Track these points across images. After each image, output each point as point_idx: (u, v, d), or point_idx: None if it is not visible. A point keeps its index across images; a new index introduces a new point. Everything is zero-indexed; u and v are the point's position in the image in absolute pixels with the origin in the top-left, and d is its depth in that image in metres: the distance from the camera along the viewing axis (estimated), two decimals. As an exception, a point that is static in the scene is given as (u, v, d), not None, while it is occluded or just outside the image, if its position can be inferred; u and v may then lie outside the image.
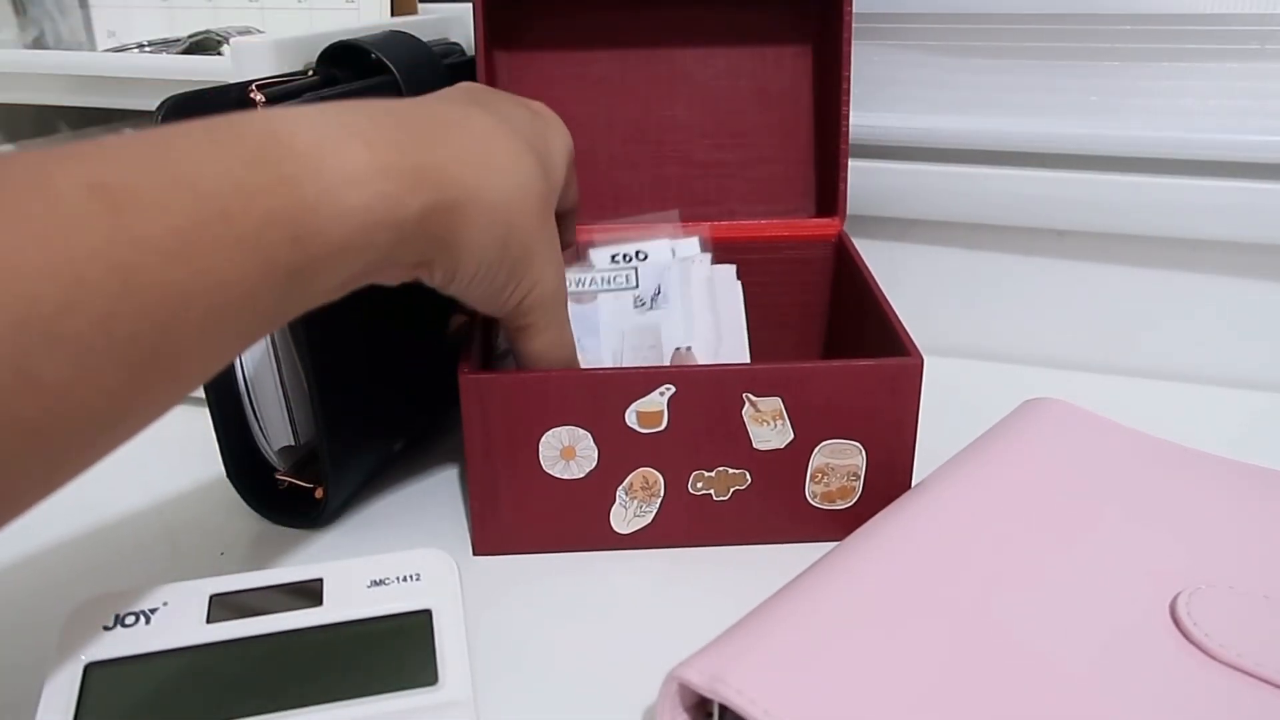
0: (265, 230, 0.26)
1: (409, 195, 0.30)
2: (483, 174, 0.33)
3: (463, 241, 0.32)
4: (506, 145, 0.35)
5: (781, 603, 0.31)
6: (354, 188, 0.28)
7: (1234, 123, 0.53)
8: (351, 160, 0.28)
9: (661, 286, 0.45)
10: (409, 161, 0.30)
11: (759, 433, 0.39)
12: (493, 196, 0.33)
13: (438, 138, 0.32)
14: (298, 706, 0.29)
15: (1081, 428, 0.42)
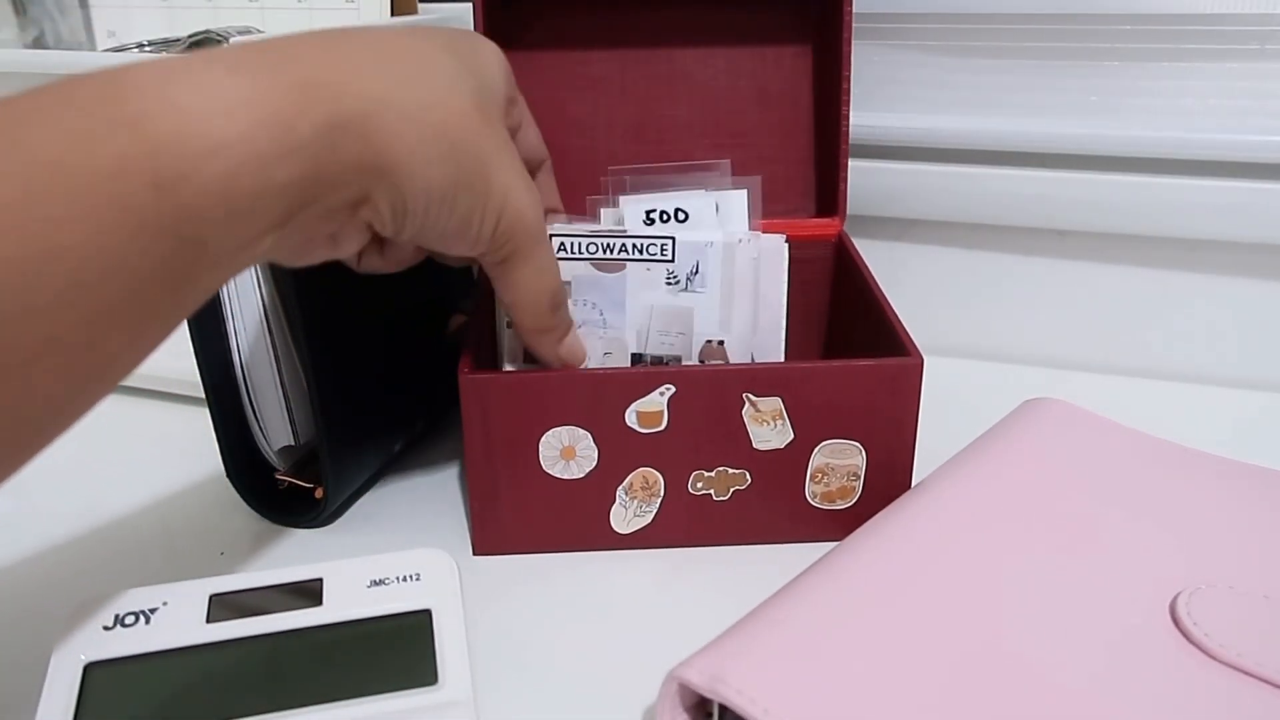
0: (114, 181, 0.22)
1: (297, 115, 0.25)
2: (392, 79, 0.28)
3: (394, 162, 0.28)
4: (416, 46, 0.30)
5: (781, 603, 0.31)
6: (223, 117, 0.24)
7: (1234, 123, 0.53)
8: (213, 86, 0.24)
9: (700, 265, 0.40)
10: (288, 78, 0.26)
11: (759, 433, 0.39)
12: (412, 101, 0.28)
13: (324, 50, 0.28)
14: (298, 706, 0.29)
15: (1081, 428, 0.42)
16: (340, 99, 0.27)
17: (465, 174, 0.30)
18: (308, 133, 0.26)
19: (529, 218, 0.33)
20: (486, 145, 0.31)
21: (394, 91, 0.28)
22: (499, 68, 0.34)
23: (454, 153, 0.29)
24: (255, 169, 0.25)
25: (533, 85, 0.53)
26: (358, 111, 0.27)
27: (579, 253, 0.39)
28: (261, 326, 0.40)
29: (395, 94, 0.28)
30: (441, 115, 0.29)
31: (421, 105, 0.29)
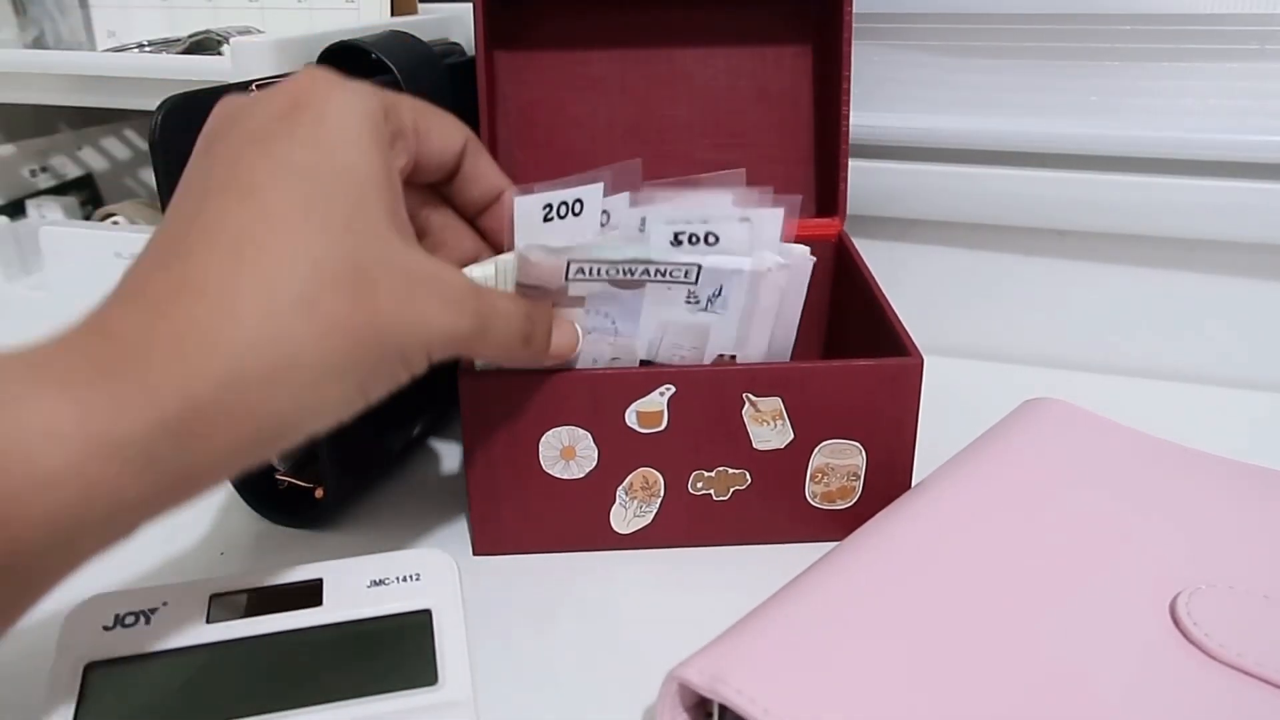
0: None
1: (141, 428, 0.22)
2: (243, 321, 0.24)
3: (268, 432, 0.25)
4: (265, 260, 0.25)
5: (781, 603, 0.31)
6: (51, 446, 0.21)
7: (1234, 123, 0.53)
8: (37, 409, 0.21)
9: (724, 289, 0.37)
10: (124, 385, 0.22)
11: (759, 433, 0.39)
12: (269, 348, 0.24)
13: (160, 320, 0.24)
14: (298, 706, 0.29)
15: (1081, 428, 0.42)
16: (192, 389, 0.23)
17: (364, 372, 0.27)
18: (159, 443, 0.23)
19: (451, 341, 0.29)
20: (382, 326, 0.26)
21: (254, 351, 0.24)
22: (355, 149, 0.27)
23: (344, 369, 0.26)
24: (99, 495, 0.22)
25: (533, 85, 0.53)
26: (215, 400, 0.23)
27: (598, 276, 0.36)
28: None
29: (256, 355, 0.24)
30: (318, 345, 0.25)
31: (292, 344, 0.25)
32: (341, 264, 0.26)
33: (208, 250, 0.25)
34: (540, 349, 0.35)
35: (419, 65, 0.46)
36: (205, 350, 0.24)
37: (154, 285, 0.25)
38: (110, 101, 0.50)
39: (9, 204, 0.63)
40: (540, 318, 0.34)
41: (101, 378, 0.22)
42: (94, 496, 0.22)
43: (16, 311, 0.57)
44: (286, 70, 0.45)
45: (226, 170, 0.26)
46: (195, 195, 0.27)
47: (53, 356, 0.23)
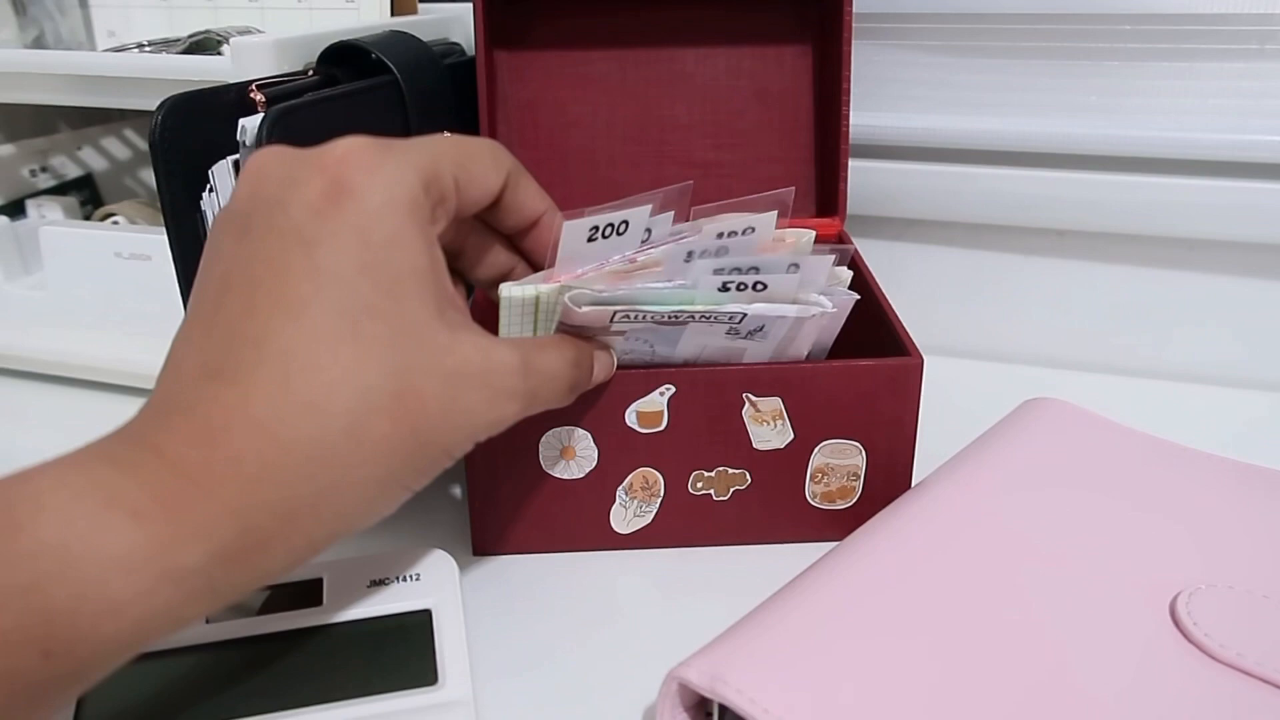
0: (1, 656, 0.21)
1: (204, 558, 0.23)
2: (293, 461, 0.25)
3: (320, 544, 0.26)
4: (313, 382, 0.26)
5: (781, 603, 0.31)
6: (123, 575, 0.22)
7: (1234, 123, 0.53)
8: (113, 541, 0.22)
9: (766, 326, 0.37)
10: (189, 520, 0.23)
11: (759, 432, 0.39)
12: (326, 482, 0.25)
13: (216, 449, 0.24)
14: (298, 706, 0.29)
15: (1081, 428, 0.42)
16: (250, 520, 0.24)
17: (410, 477, 0.28)
18: (219, 571, 0.24)
19: (504, 417, 0.30)
20: (427, 434, 0.27)
21: (305, 481, 0.25)
22: (397, 244, 0.27)
23: (390, 481, 0.27)
24: (162, 617, 0.23)
25: (533, 85, 0.53)
26: (270, 529, 0.25)
27: (642, 321, 0.36)
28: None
29: (308, 485, 0.25)
30: (365, 467, 0.26)
31: (340, 470, 0.26)
32: (388, 384, 0.26)
33: (258, 373, 0.26)
34: (585, 387, 0.35)
35: (419, 65, 0.46)
36: (260, 484, 0.25)
37: (207, 406, 0.25)
38: (110, 101, 0.50)
39: (9, 204, 0.63)
40: (584, 362, 0.34)
41: (165, 510, 0.23)
42: (157, 619, 0.23)
43: (16, 311, 0.57)
44: (287, 70, 0.45)
45: (273, 277, 0.26)
46: (241, 297, 0.27)
47: (123, 484, 0.24)
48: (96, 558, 0.22)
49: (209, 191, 0.38)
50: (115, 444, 0.25)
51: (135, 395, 0.54)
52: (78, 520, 0.22)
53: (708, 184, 0.54)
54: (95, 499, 0.23)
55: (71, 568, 0.22)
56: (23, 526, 0.22)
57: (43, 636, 0.22)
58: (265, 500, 0.25)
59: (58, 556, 0.22)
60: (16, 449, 0.26)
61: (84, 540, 0.22)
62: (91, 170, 0.70)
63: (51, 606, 0.22)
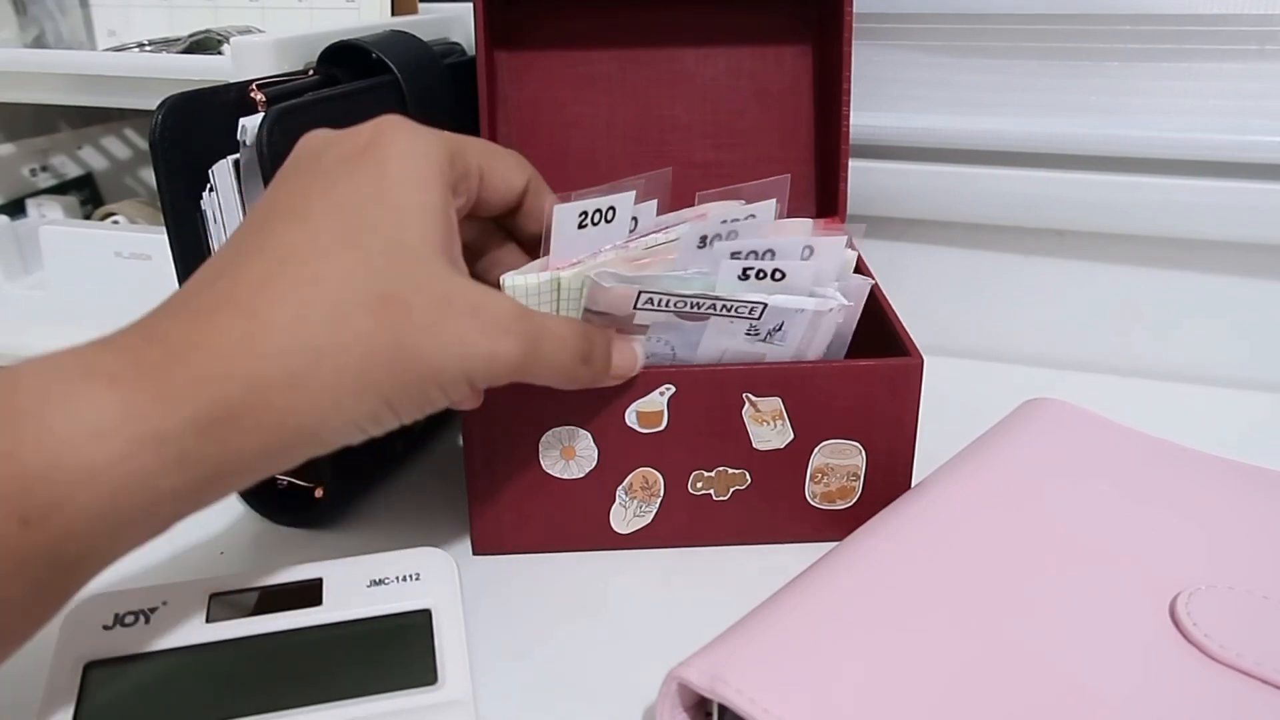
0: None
1: (179, 423, 0.24)
2: (274, 342, 0.26)
3: (294, 436, 0.26)
4: (296, 281, 0.27)
5: (781, 603, 0.31)
6: (98, 440, 0.23)
7: (1234, 123, 0.53)
8: (87, 404, 0.23)
9: (785, 325, 0.38)
10: (159, 379, 0.24)
11: (759, 433, 0.39)
12: (303, 358, 0.26)
13: (201, 325, 0.26)
14: (298, 706, 0.29)
15: (1081, 428, 0.42)
16: (220, 390, 0.25)
17: (390, 389, 0.27)
18: (192, 440, 0.24)
19: (496, 368, 0.29)
20: (409, 345, 0.27)
21: (284, 358, 0.26)
22: (414, 188, 0.29)
23: (366, 384, 0.27)
24: (137, 486, 0.23)
25: (533, 85, 0.53)
26: (242, 399, 0.25)
27: (665, 308, 0.36)
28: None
29: (285, 362, 0.26)
30: (342, 358, 0.26)
31: (317, 356, 0.26)
32: (374, 286, 0.27)
33: (254, 265, 0.27)
34: (600, 368, 0.35)
35: (419, 65, 0.46)
36: (236, 355, 0.25)
37: (201, 296, 0.27)
38: (110, 101, 0.50)
39: (9, 203, 0.63)
40: (598, 337, 0.34)
41: (142, 378, 0.24)
42: (132, 488, 0.23)
43: (16, 311, 0.57)
44: (287, 69, 0.45)
45: (289, 199, 0.29)
46: (259, 218, 0.29)
47: (102, 355, 0.24)
48: (71, 423, 0.23)
49: (209, 191, 0.38)
50: (108, 334, 0.26)
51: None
52: (53, 388, 0.23)
53: (708, 184, 0.53)
54: (74, 369, 0.24)
55: (47, 433, 0.22)
56: (1, 395, 0.23)
57: (20, 503, 0.22)
58: (239, 373, 0.25)
59: (34, 422, 0.22)
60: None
61: (59, 406, 0.23)
62: (91, 170, 0.70)
63: (27, 473, 0.22)
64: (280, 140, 0.37)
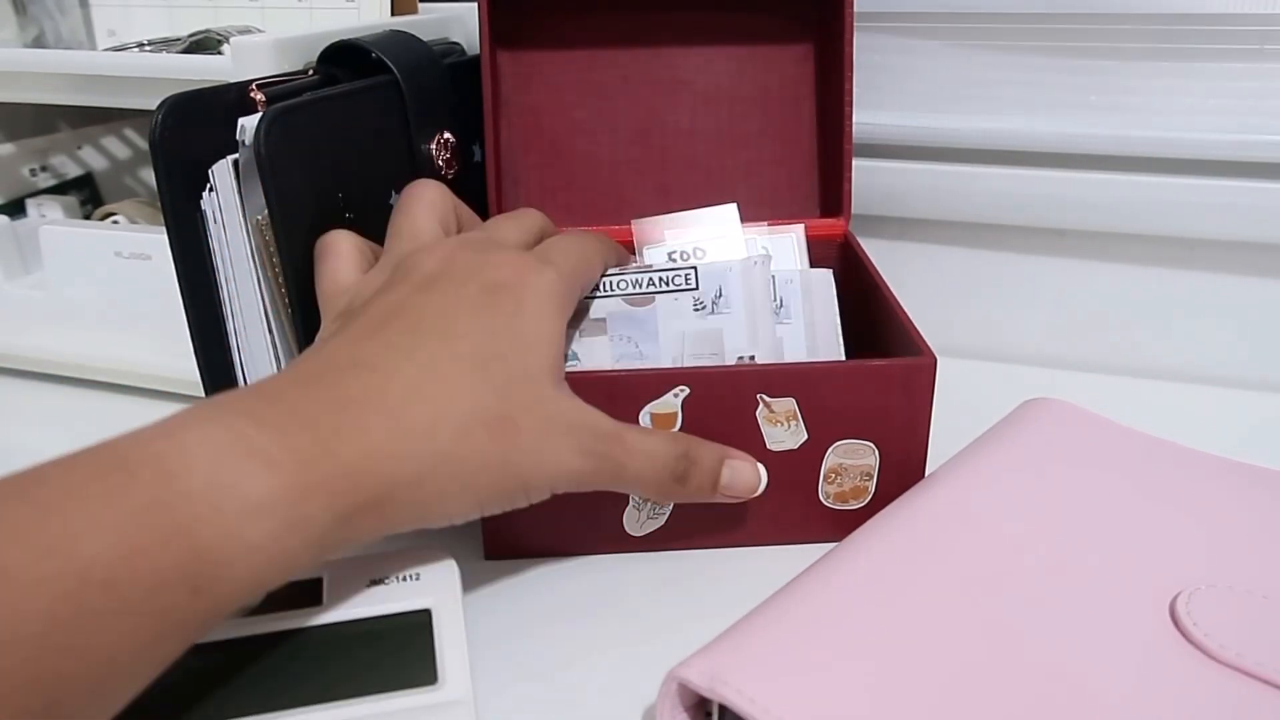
0: (159, 593, 0.24)
1: (322, 512, 0.27)
2: (409, 449, 0.29)
3: (412, 522, 0.30)
4: (433, 395, 0.31)
5: (781, 602, 0.31)
6: (256, 519, 0.26)
7: (1234, 123, 0.53)
8: (250, 488, 0.26)
9: (722, 289, 0.41)
10: (313, 473, 0.27)
11: (773, 433, 0.39)
12: (426, 467, 0.30)
13: (350, 424, 0.29)
14: (298, 706, 0.29)
15: (1081, 428, 0.42)
16: (363, 488, 0.28)
17: (486, 499, 0.32)
18: (331, 525, 0.28)
19: (581, 481, 0.34)
20: (511, 463, 0.32)
21: (415, 462, 0.29)
22: (546, 326, 0.34)
23: (470, 491, 0.31)
24: (279, 561, 0.26)
25: (536, 88, 0.53)
26: (376, 496, 0.29)
27: (610, 290, 0.41)
28: (263, 328, 0.40)
29: (415, 466, 0.29)
30: (457, 466, 0.30)
31: (439, 462, 0.30)
32: (497, 410, 0.31)
33: (403, 370, 0.31)
34: (700, 487, 0.36)
35: (419, 65, 0.46)
36: (379, 454, 0.29)
37: (347, 380, 0.30)
38: (110, 101, 0.50)
39: (9, 203, 0.63)
40: (704, 457, 0.36)
41: (297, 466, 0.27)
42: (275, 563, 0.26)
43: (16, 311, 0.57)
44: (286, 70, 0.45)
45: (439, 315, 0.33)
46: (411, 321, 0.32)
47: (260, 437, 0.27)
48: (239, 503, 0.25)
49: (209, 191, 0.38)
50: (253, 401, 0.28)
51: (135, 395, 0.54)
52: (223, 470, 0.25)
53: (710, 187, 0.54)
54: (237, 450, 0.26)
55: (219, 512, 0.25)
56: (176, 475, 0.25)
57: (194, 574, 0.24)
58: (380, 470, 0.29)
59: (207, 501, 0.25)
60: (17, 449, 0.26)
61: (229, 488, 0.25)
62: (91, 169, 0.70)
63: (200, 545, 0.24)
64: (279, 139, 0.37)
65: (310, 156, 0.39)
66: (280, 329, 0.40)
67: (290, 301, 0.39)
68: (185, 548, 0.24)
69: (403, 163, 0.46)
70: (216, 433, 0.26)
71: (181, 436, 0.26)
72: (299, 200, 0.38)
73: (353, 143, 0.42)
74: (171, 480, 0.25)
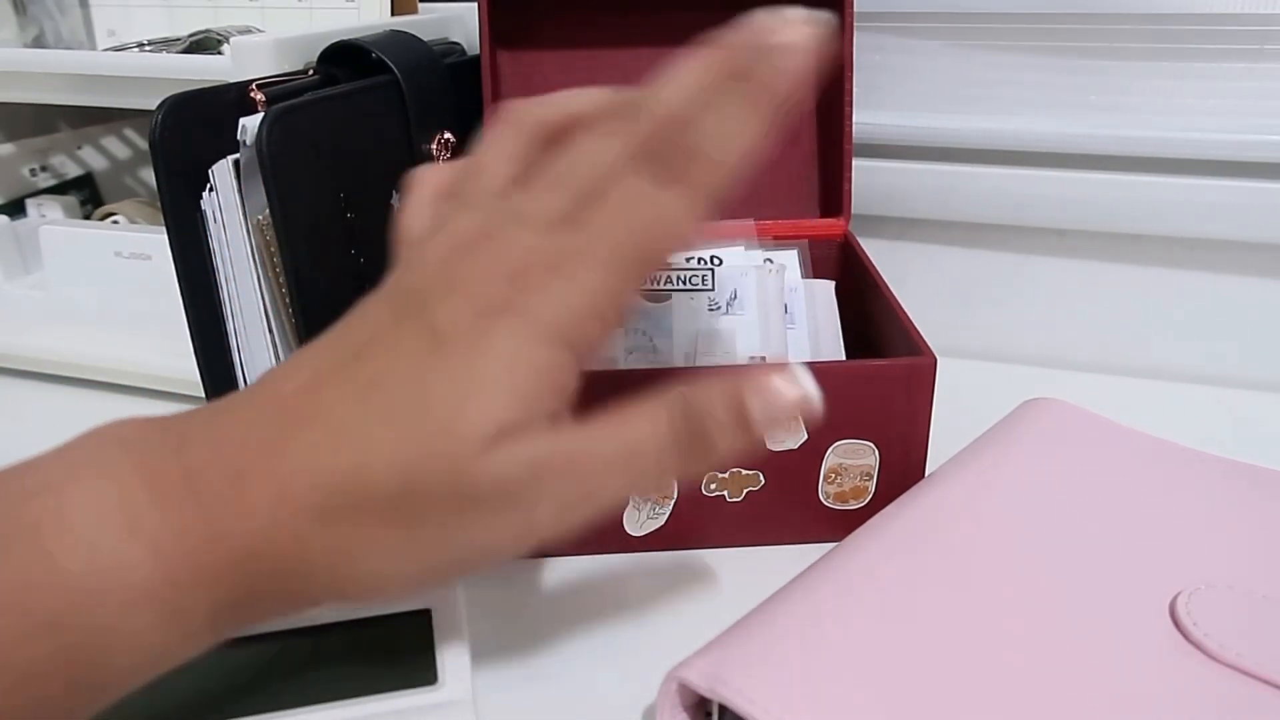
0: (30, 683, 0.22)
1: (206, 602, 0.24)
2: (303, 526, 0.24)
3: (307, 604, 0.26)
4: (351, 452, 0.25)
5: (780, 603, 0.31)
6: (138, 610, 0.23)
7: (1234, 123, 0.53)
8: (133, 576, 0.23)
9: (738, 292, 0.43)
10: (200, 561, 0.24)
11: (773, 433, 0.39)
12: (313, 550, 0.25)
13: (241, 485, 0.24)
14: (298, 706, 0.29)
15: (1081, 428, 0.42)
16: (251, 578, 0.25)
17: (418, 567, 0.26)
18: (219, 615, 0.25)
19: (536, 531, 0.27)
20: (459, 514, 0.25)
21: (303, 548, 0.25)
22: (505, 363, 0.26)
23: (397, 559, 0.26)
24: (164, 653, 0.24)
25: (537, 88, 0.53)
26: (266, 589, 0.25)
27: None
28: (263, 328, 0.40)
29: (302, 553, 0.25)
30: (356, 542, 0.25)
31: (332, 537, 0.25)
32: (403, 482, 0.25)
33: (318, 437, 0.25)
34: (731, 441, 0.28)
35: (419, 65, 0.46)
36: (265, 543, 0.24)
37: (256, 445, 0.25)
38: (110, 101, 0.50)
39: (9, 203, 0.63)
40: (711, 402, 0.28)
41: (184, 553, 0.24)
42: (160, 652, 0.24)
43: (16, 311, 0.57)
44: (287, 70, 0.45)
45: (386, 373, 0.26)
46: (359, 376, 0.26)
47: (149, 513, 0.24)
48: (120, 593, 0.23)
49: (209, 191, 0.38)
50: (159, 441, 0.25)
51: (135, 395, 0.54)
52: (103, 552, 0.23)
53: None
54: (121, 526, 0.23)
55: (99, 603, 0.22)
56: (51, 554, 0.22)
57: (70, 668, 0.22)
58: (267, 565, 0.25)
59: (84, 590, 0.22)
60: (16, 449, 0.26)
61: (109, 574, 0.23)
62: (91, 169, 0.70)
63: (78, 641, 0.22)
64: (281, 139, 0.37)
65: (312, 156, 0.39)
66: (280, 329, 0.40)
67: (290, 301, 0.39)
68: (61, 643, 0.22)
69: (403, 163, 0.45)
70: (106, 495, 0.23)
71: (69, 494, 0.23)
72: (300, 200, 0.38)
73: (353, 143, 0.42)
74: (47, 560, 0.22)
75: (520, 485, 0.25)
